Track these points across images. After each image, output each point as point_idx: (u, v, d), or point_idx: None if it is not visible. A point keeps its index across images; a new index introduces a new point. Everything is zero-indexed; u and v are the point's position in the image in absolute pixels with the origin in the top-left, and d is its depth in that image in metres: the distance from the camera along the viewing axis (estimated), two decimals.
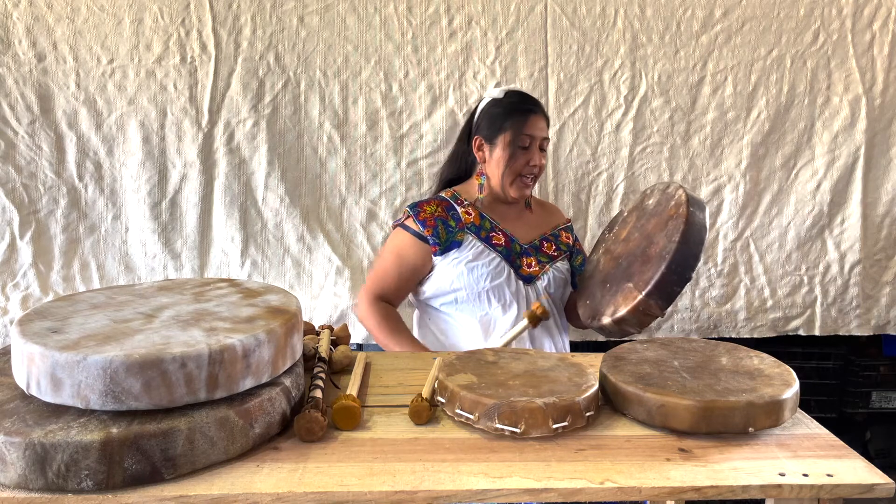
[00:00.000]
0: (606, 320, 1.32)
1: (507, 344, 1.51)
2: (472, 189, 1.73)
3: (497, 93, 1.71)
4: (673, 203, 1.34)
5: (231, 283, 1.24)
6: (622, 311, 1.28)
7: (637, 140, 2.13)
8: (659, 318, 2.16)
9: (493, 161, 1.67)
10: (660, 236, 1.31)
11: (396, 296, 1.71)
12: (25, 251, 1.97)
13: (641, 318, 1.28)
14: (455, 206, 1.69)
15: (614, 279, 1.41)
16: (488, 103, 1.71)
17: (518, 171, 1.65)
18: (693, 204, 1.30)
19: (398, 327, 1.67)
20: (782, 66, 2.12)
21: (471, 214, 1.68)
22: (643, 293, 1.24)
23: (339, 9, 2.02)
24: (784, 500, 0.95)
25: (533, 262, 1.67)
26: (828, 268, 2.19)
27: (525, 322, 1.53)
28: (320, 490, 0.86)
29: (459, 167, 1.78)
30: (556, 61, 2.08)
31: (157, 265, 2.03)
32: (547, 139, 1.69)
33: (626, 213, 1.60)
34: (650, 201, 1.48)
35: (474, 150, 1.71)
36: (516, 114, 1.65)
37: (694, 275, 1.27)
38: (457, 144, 1.80)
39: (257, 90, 2.01)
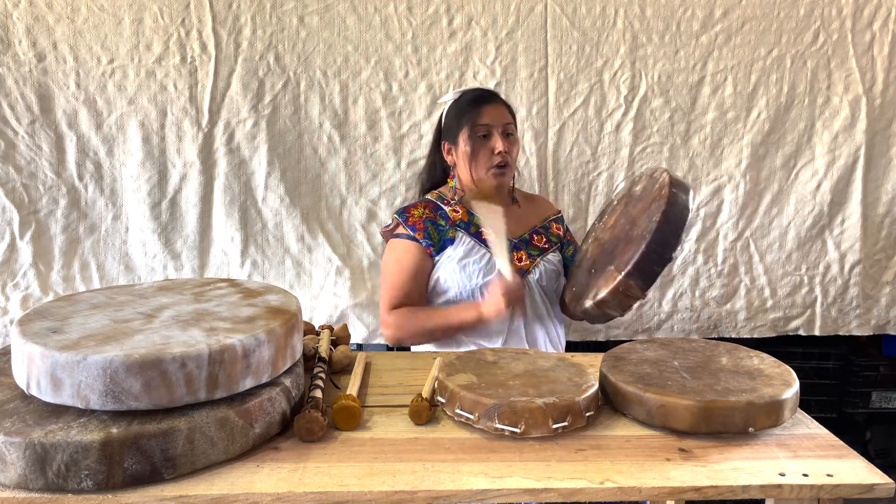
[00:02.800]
0: (588, 303, 1.32)
1: (504, 244, 1.51)
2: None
3: (452, 96, 1.75)
4: (657, 186, 1.34)
5: (231, 283, 1.24)
6: (603, 293, 1.27)
7: (637, 140, 2.13)
8: (658, 317, 2.18)
9: (459, 160, 1.69)
10: (642, 218, 1.31)
11: (417, 302, 1.67)
12: (25, 251, 1.97)
13: (622, 299, 1.27)
14: (442, 205, 1.70)
15: (599, 264, 1.41)
16: (448, 109, 1.74)
17: (484, 162, 1.65)
18: (676, 185, 1.29)
19: (428, 310, 1.63)
20: (782, 66, 2.12)
21: (458, 212, 1.68)
22: (623, 273, 1.23)
23: (339, 9, 2.02)
24: (784, 500, 0.95)
25: (524, 256, 1.68)
26: (828, 268, 2.19)
27: (490, 207, 1.51)
28: (320, 490, 0.86)
29: (435, 175, 1.80)
30: (556, 61, 2.08)
31: (157, 265, 2.03)
32: (510, 124, 1.68)
33: (615, 202, 1.60)
34: (637, 188, 1.48)
35: (445, 156, 1.73)
36: (469, 108, 1.67)
37: (676, 255, 1.26)
38: (430, 155, 1.83)
39: (257, 90, 2.01)
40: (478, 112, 1.65)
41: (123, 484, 0.85)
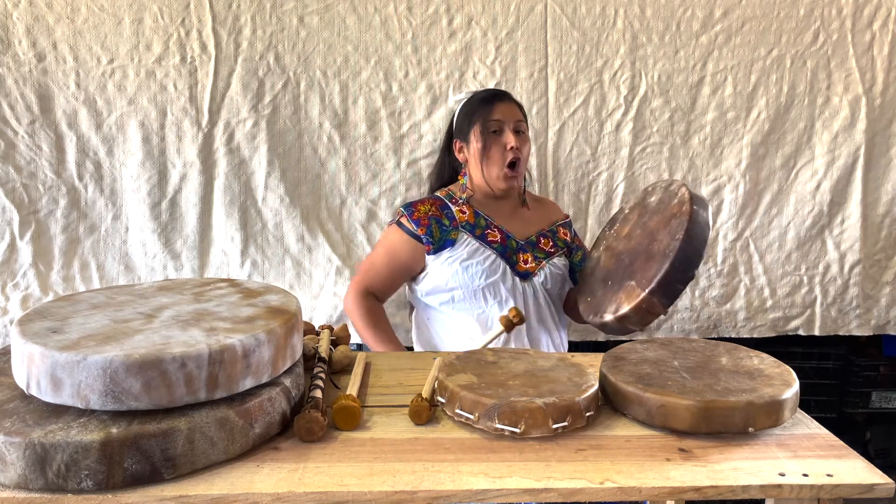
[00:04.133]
0: (609, 317, 1.32)
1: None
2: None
3: (464, 96, 1.77)
4: (676, 201, 1.33)
5: (231, 283, 1.24)
6: (625, 309, 1.27)
7: (637, 140, 2.13)
8: (661, 317, 2.18)
9: (471, 156, 1.70)
10: (663, 234, 1.31)
11: (384, 291, 1.74)
12: (25, 251, 1.97)
13: (644, 315, 1.27)
14: (450, 204, 1.70)
15: (616, 276, 1.41)
16: (460, 108, 1.75)
17: (497, 159, 1.65)
18: (696, 202, 1.30)
19: (380, 323, 1.70)
20: (782, 66, 2.12)
21: (465, 213, 1.69)
22: (646, 291, 1.23)
23: (339, 9, 2.02)
24: (784, 500, 0.95)
25: (529, 259, 1.68)
26: (828, 268, 2.19)
27: (500, 328, 1.51)
28: (320, 490, 0.86)
29: (444, 174, 1.81)
30: (556, 61, 2.08)
31: (157, 265, 2.03)
32: (522, 122, 1.69)
33: (627, 211, 1.60)
34: (652, 199, 1.47)
35: (456, 154, 1.74)
36: (482, 105, 1.68)
37: (699, 273, 1.26)
38: (440, 154, 1.84)
39: (257, 90, 2.01)
40: (490, 108, 1.66)
41: (123, 484, 0.85)
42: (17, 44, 1.92)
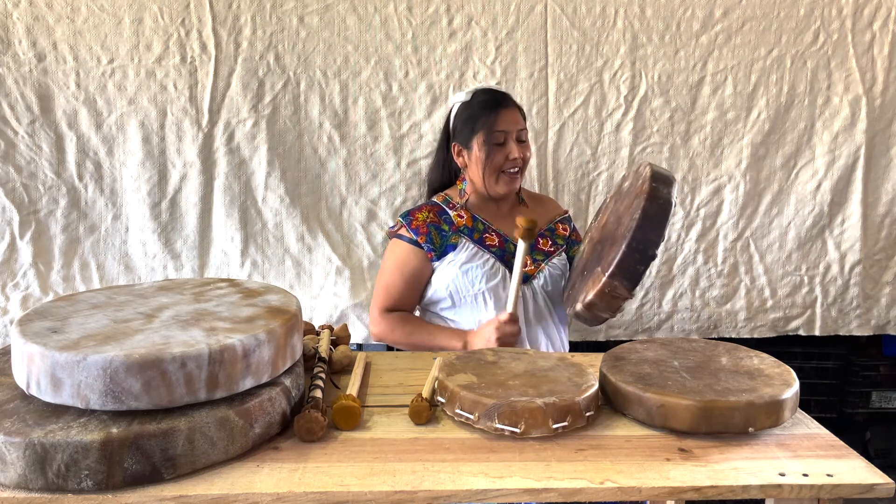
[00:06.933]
0: (578, 307, 1.32)
1: (519, 280, 1.49)
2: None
3: (464, 96, 1.71)
4: (640, 181, 1.32)
5: (231, 283, 1.24)
6: (590, 296, 1.27)
7: (637, 140, 2.13)
8: (658, 317, 2.18)
9: (472, 164, 1.67)
10: (626, 216, 1.30)
11: (408, 306, 1.71)
12: (25, 251, 1.97)
13: (609, 300, 1.26)
14: (447, 210, 1.69)
15: (590, 266, 1.41)
16: (459, 108, 1.70)
17: (498, 167, 1.64)
18: (657, 179, 1.27)
19: (418, 324, 1.67)
20: (782, 66, 2.12)
21: (463, 217, 1.68)
22: (606, 274, 1.22)
23: (339, 9, 2.02)
24: (784, 500, 0.95)
25: (528, 261, 1.67)
26: (828, 268, 2.19)
27: (523, 245, 1.47)
28: (320, 490, 0.86)
29: (443, 173, 1.78)
30: (556, 61, 2.08)
31: (157, 265, 2.03)
32: (524, 130, 1.67)
33: (608, 200, 1.60)
34: (626, 184, 1.47)
35: (455, 157, 1.72)
36: (486, 112, 1.64)
37: (658, 252, 1.23)
38: (438, 152, 1.81)
39: (257, 90, 2.01)
40: (495, 117, 1.63)
41: (123, 484, 0.85)
42: (17, 44, 1.92)
